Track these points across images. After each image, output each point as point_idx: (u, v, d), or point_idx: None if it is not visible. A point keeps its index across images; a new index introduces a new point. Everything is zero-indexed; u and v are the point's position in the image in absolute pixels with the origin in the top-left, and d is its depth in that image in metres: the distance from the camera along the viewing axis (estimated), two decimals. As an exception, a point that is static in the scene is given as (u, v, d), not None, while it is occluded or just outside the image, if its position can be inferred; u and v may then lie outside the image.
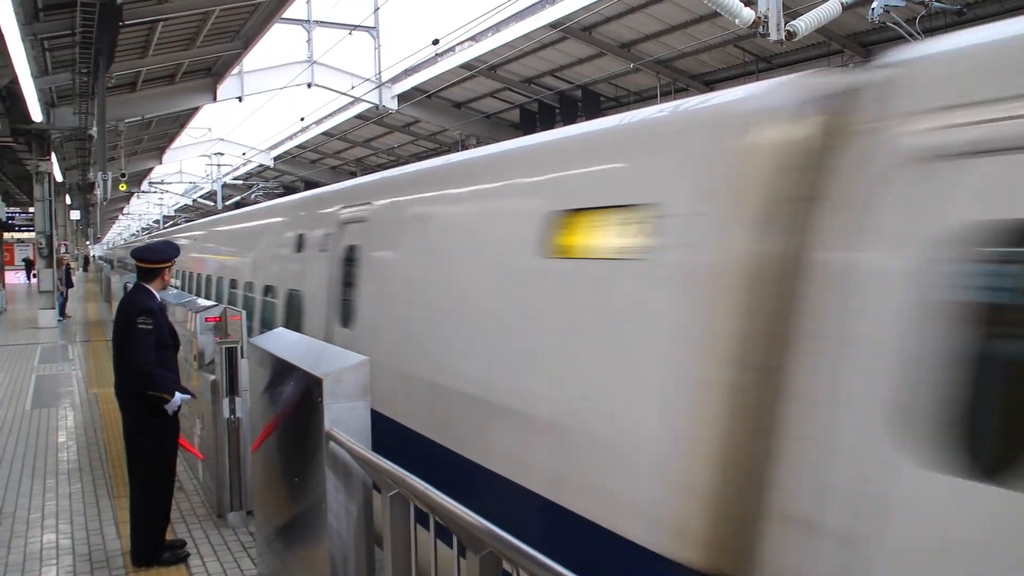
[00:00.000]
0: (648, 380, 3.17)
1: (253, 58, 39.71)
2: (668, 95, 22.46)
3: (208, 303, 7.88)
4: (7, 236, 34.54)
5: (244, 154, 42.89)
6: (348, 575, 3.69)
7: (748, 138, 3.04)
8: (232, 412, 6.49)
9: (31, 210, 27.46)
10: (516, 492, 3.83)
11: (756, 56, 20.16)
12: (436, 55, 23.88)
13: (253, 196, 49.03)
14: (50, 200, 23.38)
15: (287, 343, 4.74)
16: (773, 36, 12.61)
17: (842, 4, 13.16)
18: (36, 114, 17.25)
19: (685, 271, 3.09)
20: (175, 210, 70.05)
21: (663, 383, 3.09)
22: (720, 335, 2.90)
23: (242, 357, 6.40)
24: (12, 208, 34.00)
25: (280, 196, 53.29)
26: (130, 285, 6.42)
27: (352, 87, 26.83)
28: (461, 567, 2.77)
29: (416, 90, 26.62)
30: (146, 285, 5.87)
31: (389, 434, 4.83)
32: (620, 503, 3.22)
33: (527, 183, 4.48)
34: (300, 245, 8.16)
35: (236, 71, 24.27)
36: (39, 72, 16.53)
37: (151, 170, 45.61)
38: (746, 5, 12.37)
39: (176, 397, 5.72)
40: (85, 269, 62.58)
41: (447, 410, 4.64)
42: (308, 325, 7.31)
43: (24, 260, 43.30)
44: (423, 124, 31.47)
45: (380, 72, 26.54)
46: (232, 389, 6.48)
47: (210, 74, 23.60)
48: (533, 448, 3.79)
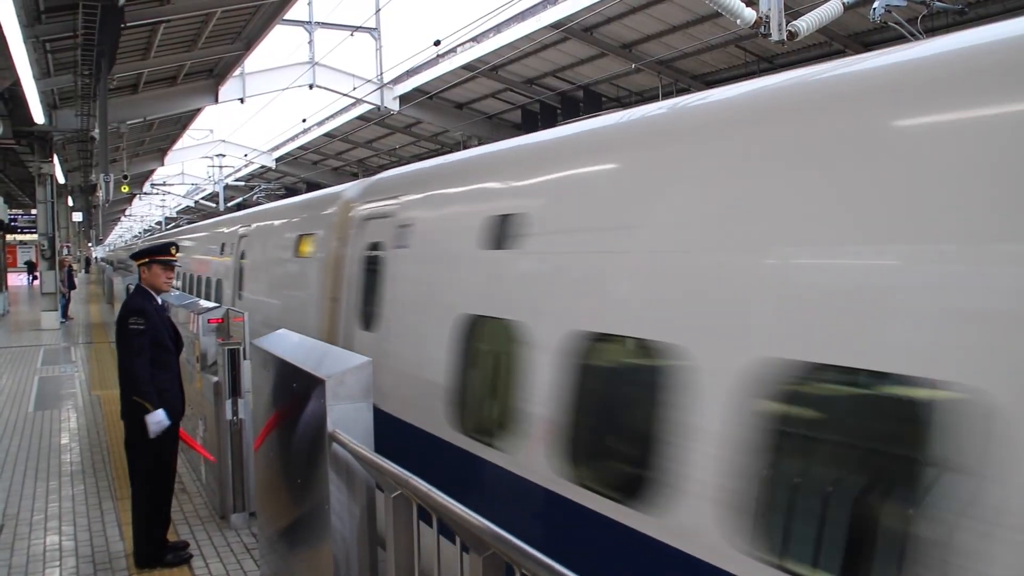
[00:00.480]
0: (313, 304, 7.82)
1: (255, 59, 39.74)
2: (670, 95, 22.44)
3: (210, 305, 7.89)
4: (9, 238, 34.56)
5: (246, 155, 42.91)
6: (351, 575, 3.70)
7: (340, 206, 7.61)
8: (235, 414, 6.49)
9: (33, 212, 27.48)
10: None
11: (758, 56, 20.17)
12: (438, 56, 23.87)
13: (255, 198, 49.05)
14: (52, 202, 23.41)
15: (290, 345, 4.74)
16: (775, 36, 12.60)
17: (844, 4, 13.14)
18: (38, 116, 17.28)
19: (324, 260, 7.73)
20: (177, 212, 70.10)
21: (317, 306, 7.66)
22: (329, 286, 7.31)
23: (244, 358, 6.41)
24: (14, 210, 34.05)
25: (282, 198, 53.32)
26: (132, 287, 6.45)
27: (354, 88, 26.84)
28: (464, 568, 2.77)
29: (418, 91, 26.63)
30: (143, 287, 5.94)
31: None
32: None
33: (286, 223, 10.16)
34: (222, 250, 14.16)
35: (238, 72, 24.28)
36: (41, 74, 16.55)
37: (153, 172, 45.62)
38: (747, 5, 12.36)
39: (158, 415, 5.56)
40: (87, 270, 62.62)
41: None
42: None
43: (26, 263, 43.28)
44: (425, 125, 31.48)
45: (382, 73, 26.56)
46: (235, 391, 6.49)
47: (212, 75, 23.62)
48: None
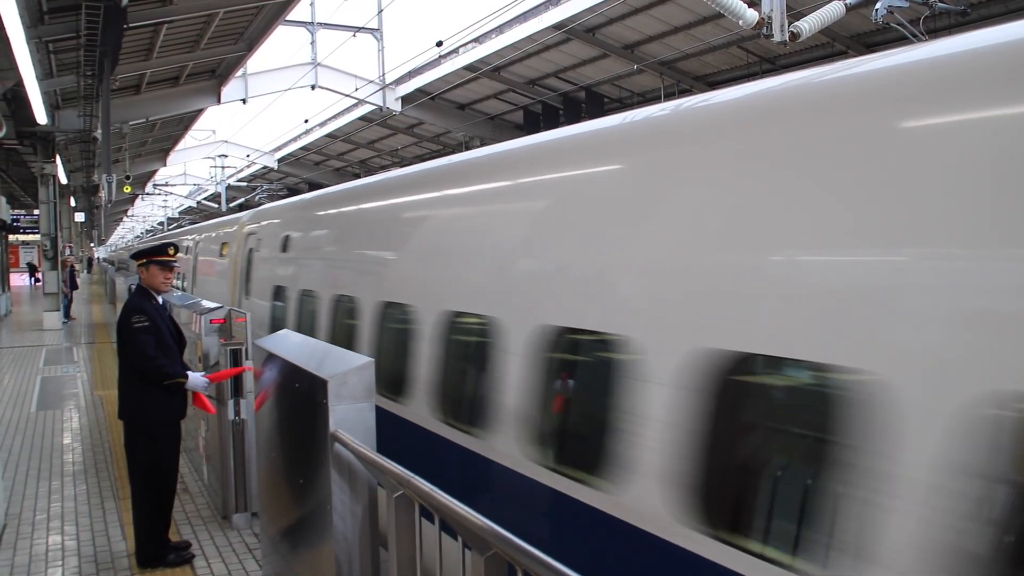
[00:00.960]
0: (228, 281, 13.78)
1: (257, 60, 39.77)
2: (671, 96, 22.44)
3: (212, 305, 7.90)
4: (12, 239, 34.59)
5: (248, 156, 42.94)
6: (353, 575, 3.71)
7: (239, 225, 13.81)
8: (237, 414, 6.50)
9: (36, 212, 27.50)
10: None
11: (760, 57, 20.16)
12: (440, 57, 23.88)
13: (257, 198, 49.08)
14: (55, 202, 23.44)
15: (292, 345, 4.74)
16: (777, 37, 12.60)
17: (846, 5, 13.15)
18: (41, 116, 17.27)
19: (232, 257, 13.85)
20: (179, 212, 70.16)
21: (229, 282, 13.60)
22: (232, 271, 13.49)
23: (247, 359, 6.41)
24: (17, 210, 34.04)
25: (283, 199, 53.34)
26: (133, 287, 6.45)
27: (356, 89, 26.86)
28: (466, 567, 2.77)
29: (420, 92, 26.64)
30: (143, 287, 5.98)
31: None
32: None
33: (217, 234, 16.83)
34: (186, 251, 19.70)
35: (240, 73, 24.30)
36: (44, 75, 16.56)
37: (155, 172, 45.66)
38: (749, 6, 12.37)
39: (195, 378, 5.81)
40: (89, 271, 62.69)
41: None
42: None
43: (28, 264, 43.25)
44: (427, 126, 31.48)
45: (384, 74, 26.58)
46: (237, 391, 6.50)
47: (214, 76, 23.63)
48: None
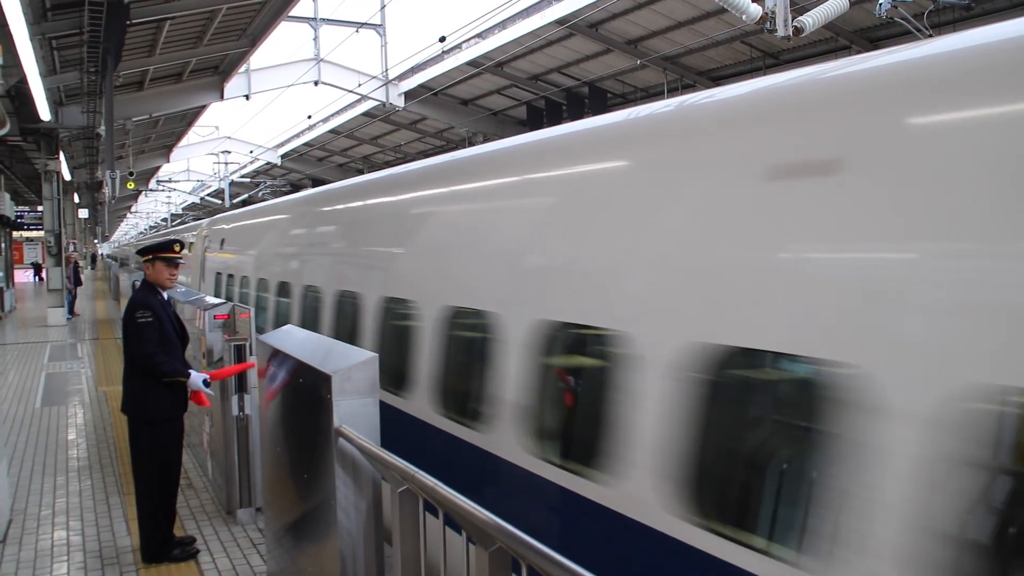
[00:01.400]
0: (193, 274, 17.70)
1: (260, 56, 39.81)
2: (675, 91, 22.42)
3: (217, 301, 7.91)
4: (16, 235, 34.67)
5: (251, 152, 42.96)
6: (357, 571, 3.71)
7: (200, 229, 18.51)
8: (241, 409, 6.51)
9: (40, 209, 27.55)
10: None
11: (763, 52, 20.12)
12: (443, 52, 23.87)
13: (260, 194, 49.06)
14: (58, 199, 23.47)
15: (296, 340, 4.74)
16: (780, 32, 12.58)
17: (850, 0, 13.12)
18: (44, 113, 17.31)
19: (196, 254, 17.64)
20: (183, 208, 70.23)
21: (195, 276, 17.62)
22: (195, 266, 17.52)
23: (251, 354, 6.42)
24: (21, 207, 34.12)
25: (287, 194, 53.41)
26: (137, 283, 6.46)
27: (359, 85, 26.85)
28: (470, 562, 2.78)
29: (423, 87, 26.63)
30: (148, 282, 6.00)
31: None
32: None
33: (194, 233, 19.77)
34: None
35: (243, 69, 24.30)
36: (47, 71, 16.58)
37: (159, 168, 45.70)
38: (753, 1, 12.34)
39: (196, 378, 5.81)
40: (93, 267, 62.79)
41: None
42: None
43: (32, 264, 43.34)
44: (430, 121, 31.47)
45: (387, 70, 26.57)
46: (241, 386, 6.50)
47: (217, 72, 23.63)
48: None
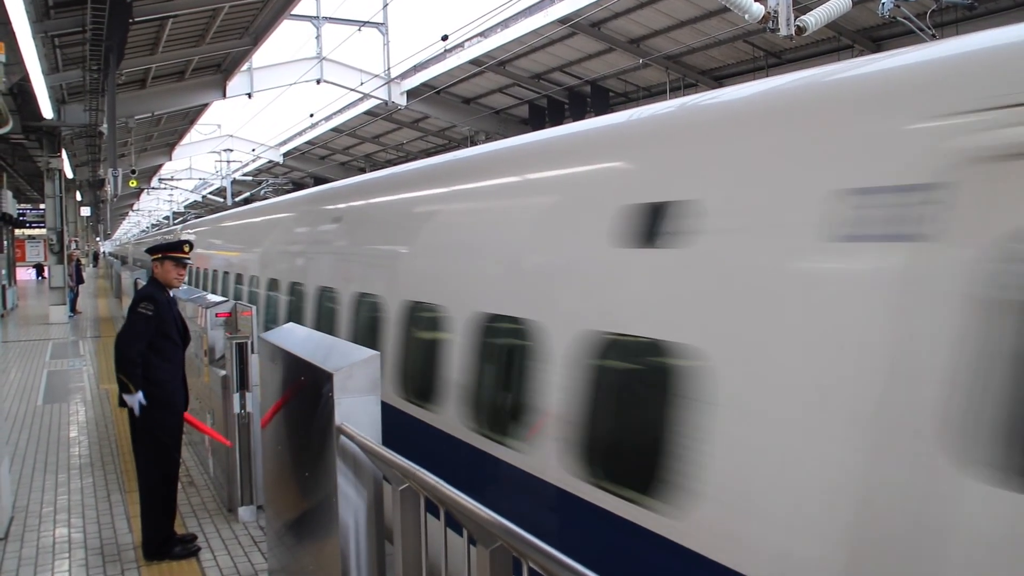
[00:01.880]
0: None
1: (262, 54, 39.81)
2: (677, 91, 22.41)
3: (219, 299, 7.92)
4: (18, 233, 34.71)
5: (253, 150, 42.97)
6: (359, 569, 3.71)
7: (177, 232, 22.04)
8: (243, 407, 6.51)
9: (42, 207, 27.59)
10: None
11: (766, 51, 20.10)
12: (445, 51, 23.86)
13: (262, 192, 49.03)
14: (61, 196, 23.49)
15: (297, 338, 4.75)
16: (783, 31, 12.57)
17: (852, -1, 13.12)
18: (47, 111, 17.33)
19: None
20: (185, 206, 70.27)
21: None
22: None
23: (252, 352, 6.43)
24: (23, 205, 34.15)
25: (289, 192, 53.41)
26: (140, 281, 6.49)
27: (361, 83, 26.85)
28: (471, 560, 2.78)
29: (425, 86, 26.62)
30: (156, 279, 6.03)
31: None
32: None
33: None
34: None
35: (245, 67, 24.32)
36: (50, 69, 16.59)
37: (161, 166, 45.77)
38: (756, 0, 12.34)
39: (136, 397, 5.62)
40: (95, 265, 62.86)
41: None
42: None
43: (35, 265, 43.42)
44: (432, 120, 31.46)
45: (389, 68, 26.56)
46: (243, 384, 6.51)
47: (220, 70, 23.65)
48: None
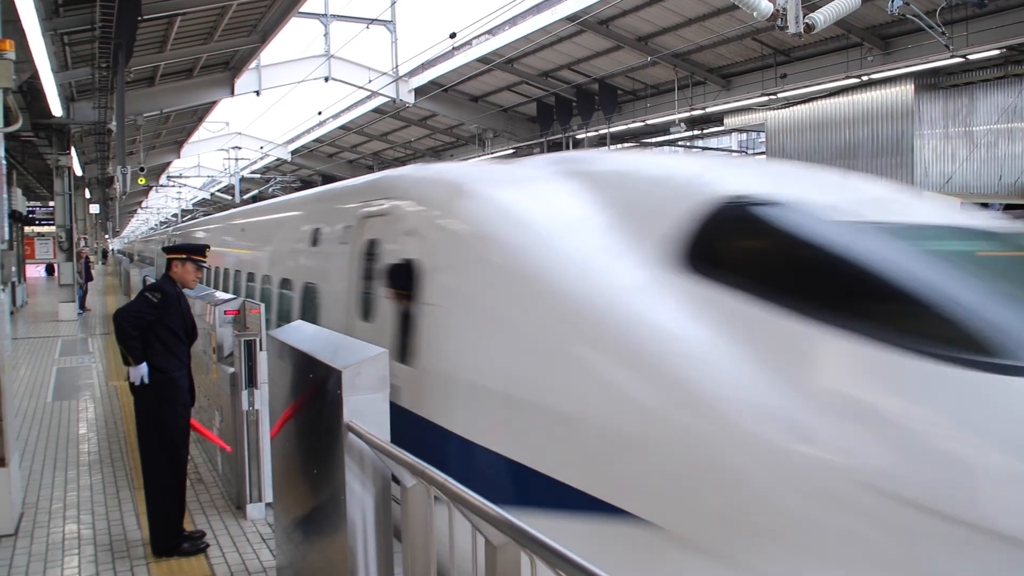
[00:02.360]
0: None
1: (270, 52, 39.87)
2: (685, 88, 22.37)
3: (227, 296, 7.93)
4: (27, 230, 34.81)
5: (261, 148, 43.05)
6: (367, 566, 3.71)
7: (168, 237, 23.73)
8: (251, 404, 6.52)
9: (51, 204, 27.69)
10: None
11: (774, 49, 20.05)
12: (453, 49, 23.88)
13: (271, 190, 49.10)
14: (70, 194, 23.55)
15: (305, 336, 4.75)
16: (792, 29, 12.54)
17: (861, -4, 13.07)
18: (56, 109, 17.36)
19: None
20: (193, 204, 70.45)
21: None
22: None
23: (261, 350, 6.43)
24: (33, 202, 34.26)
25: (297, 190, 53.52)
26: (149, 278, 6.52)
27: (369, 81, 26.88)
28: (479, 557, 2.78)
29: (433, 84, 26.64)
30: (172, 277, 6.06)
31: None
32: None
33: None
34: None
35: (254, 65, 24.36)
36: (59, 67, 16.64)
37: (169, 164, 45.86)
38: (764, -3, 12.32)
39: (141, 369, 5.65)
40: (104, 262, 63.11)
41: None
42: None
43: (46, 267, 43.63)
44: (440, 118, 31.49)
45: (397, 66, 26.58)
46: (251, 381, 6.51)
47: (228, 68, 23.69)
48: None
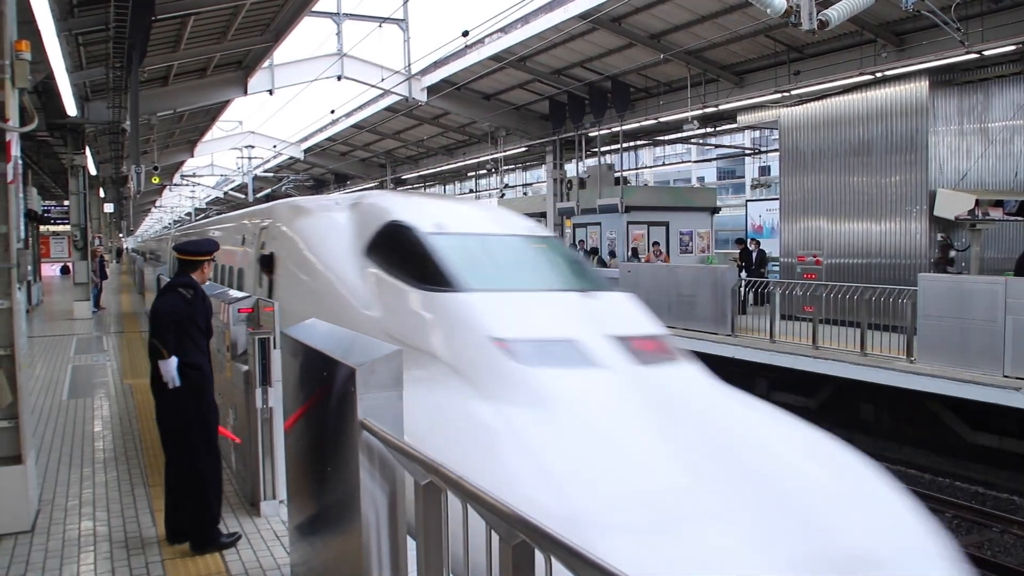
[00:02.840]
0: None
1: (283, 51, 40.01)
2: (698, 85, 22.30)
3: (241, 295, 7.95)
4: (42, 229, 35.04)
5: (275, 147, 43.17)
6: (381, 564, 3.72)
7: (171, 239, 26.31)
8: (265, 402, 6.54)
9: (66, 203, 27.84)
10: None
11: (787, 46, 19.97)
12: (465, 47, 23.87)
13: (284, 189, 49.21)
14: (84, 193, 23.65)
15: (319, 333, 4.76)
16: (805, 25, 12.49)
17: (876, -8, 13.01)
18: (71, 109, 17.44)
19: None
20: (207, 203, 70.71)
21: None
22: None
23: (275, 347, 6.45)
24: (48, 201, 34.47)
25: (310, 188, 53.57)
26: (164, 277, 6.54)
27: (382, 79, 26.91)
28: (493, 556, 2.78)
29: (445, 82, 26.65)
30: (193, 274, 6.07)
31: None
32: None
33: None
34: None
35: (266, 64, 24.42)
36: (74, 67, 16.73)
37: (183, 163, 46.03)
38: (778, -6, 12.27)
39: (172, 363, 5.67)
40: (118, 261, 63.44)
41: None
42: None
43: (61, 268, 43.96)
44: (452, 116, 31.51)
45: (410, 64, 26.60)
46: (265, 379, 6.53)
47: (241, 67, 23.75)
48: None
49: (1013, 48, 14.54)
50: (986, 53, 14.75)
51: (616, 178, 27.47)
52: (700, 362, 7.04)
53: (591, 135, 27.34)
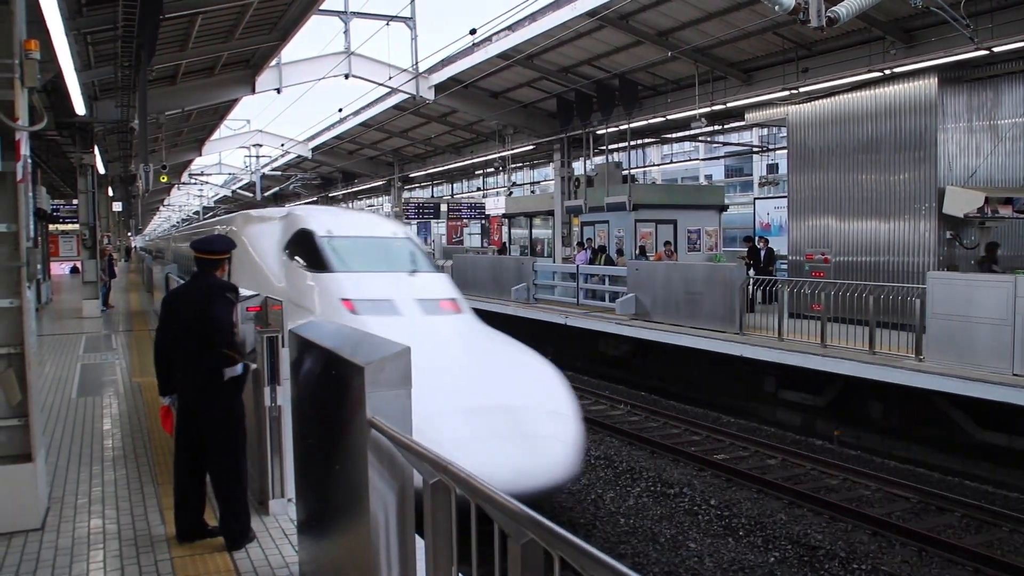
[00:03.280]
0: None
1: (291, 50, 40.08)
2: (706, 83, 22.27)
3: (249, 293, 7.96)
4: (51, 228, 35.15)
5: (282, 145, 43.24)
6: (389, 562, 3.72)
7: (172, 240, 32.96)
8: (273, 400, 6.55)
9: (75, 202, 27.91)
10: None
11: (795, 43, 19.92)
12: (473, 45, 23.88)
13: (291, 187, 49.32)
14: (93, 192, 23.71)
15: (326, 332, 4.77)
16: (814, 23, 12.44)
17: (885, -11, 12.95)
18: (80, 108, 17.47)
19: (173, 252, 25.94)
20: (215, 201, 70.87)
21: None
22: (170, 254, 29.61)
23: (283, 346, 6.46)
24: (57, 200, 34.56)
25: (318, 187, 53.59)
26: (171, 275, 6.54)
27: (389, 78, 26.91)
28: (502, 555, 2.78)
29: (453, 80, 26.65)
30: (216, 272, 6.05)
31: None
32: None
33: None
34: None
35: (274, 63, 24.43)
36: (82, 66, 16.77)
37: (191, 162, 46.16)
38: (786, -9, 12.22)
39: (240, 367, 5.85)
40: (127, 260, 63.64)
41: None
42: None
43: (71, 268, 44.12)
44: (460, 114, 31.52)
45: (417, 63, 26.60)
46: (273, 378, 6.54)
47: (249, 66, 23.79)
48: None
49: (1023, 44, 14.46)
50: (996, 50, 14.67)
51: (624, 176, 27.43)
52: (475, 316, 11.86)
53: (599, 133, 27.30)
